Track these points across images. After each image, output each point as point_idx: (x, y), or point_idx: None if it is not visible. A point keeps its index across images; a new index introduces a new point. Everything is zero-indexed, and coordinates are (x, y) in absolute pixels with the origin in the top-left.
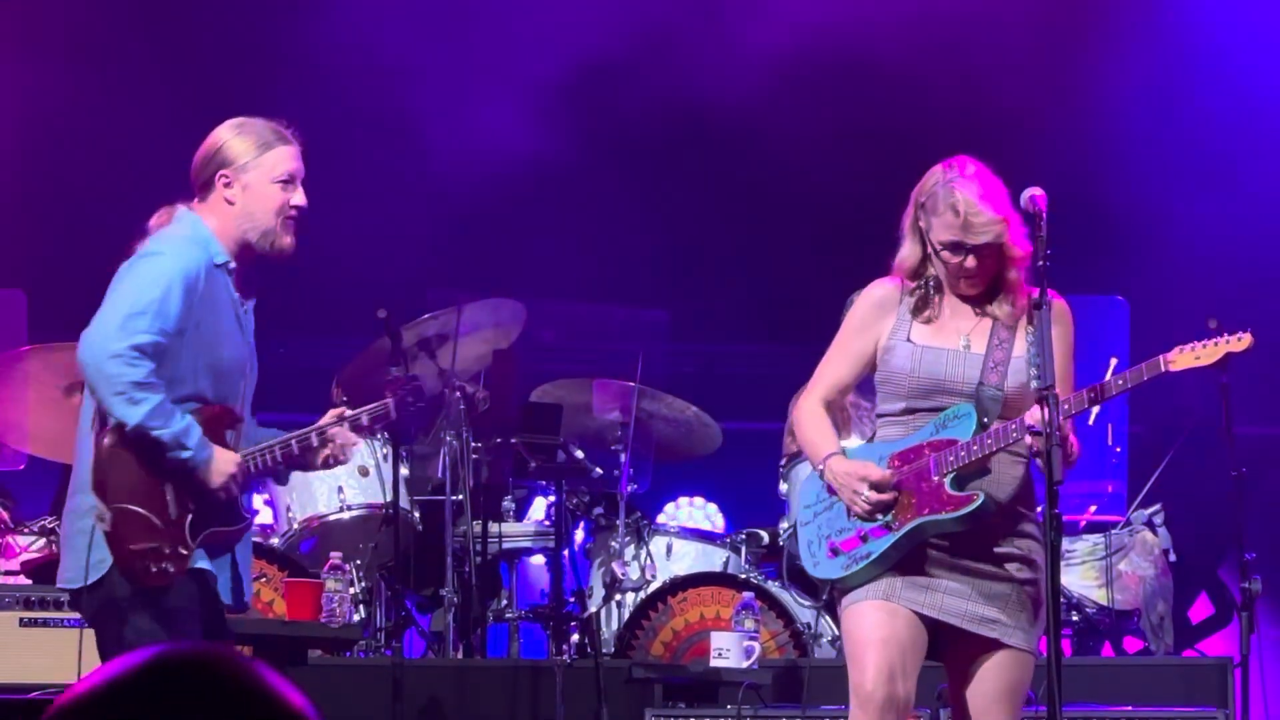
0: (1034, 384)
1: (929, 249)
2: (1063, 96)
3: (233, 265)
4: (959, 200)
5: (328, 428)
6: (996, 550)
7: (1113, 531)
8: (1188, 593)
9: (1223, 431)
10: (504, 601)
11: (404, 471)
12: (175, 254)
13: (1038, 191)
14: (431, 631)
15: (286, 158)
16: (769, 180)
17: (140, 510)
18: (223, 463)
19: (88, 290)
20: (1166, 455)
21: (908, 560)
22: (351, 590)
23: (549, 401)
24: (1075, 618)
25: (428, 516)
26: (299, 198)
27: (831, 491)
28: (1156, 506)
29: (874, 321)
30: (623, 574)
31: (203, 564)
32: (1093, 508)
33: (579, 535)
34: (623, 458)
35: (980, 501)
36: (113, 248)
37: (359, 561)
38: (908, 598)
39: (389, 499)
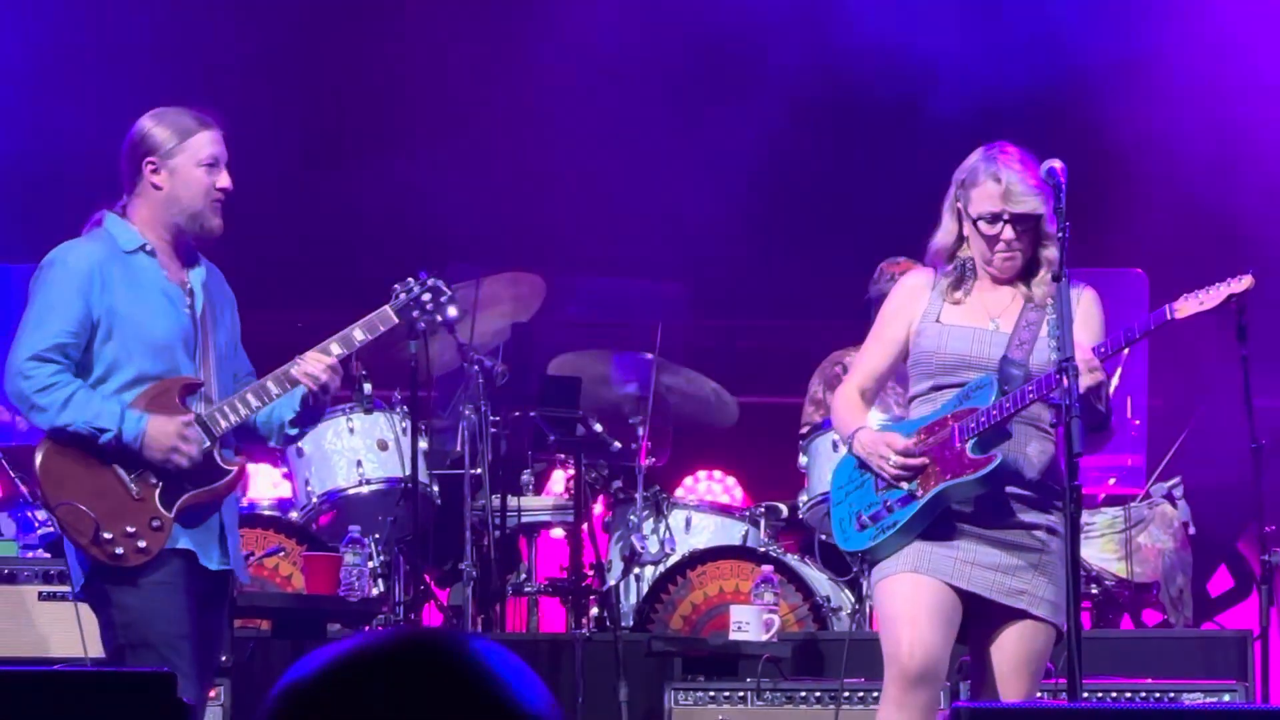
0: (1053, 355)
1: (965, 229)
2: (1078, 68)
3: (150, 247)
4: (1001, 170)
5: (297, 360)
6: (1025, 520)
7: (1132, 504)
8: (1207, 566)
9: (1242, 404)
10: (523, 575)
11: (423, 445)
12: (62, 258)
13: (1057, 163)
14: (450, 605)
15: (209, 142)
16: (788, 154)
17: (80, 506)
18: (159, 434)
19: None
20: (1185, 428)
21: (937, 529)
22: (370, 564)
23: (567, 374)
24: (1094, 591)
25: (446, 490)
26: (224, 180)
27: (862, 467)
28: (1176, 479)
29: (906, 308)
30: (641, 547)
31: (184, 543)
32: (1112, 480)
33: (597, 509)
34: (641, 431)
35: (998, 461)
36: None
37: (377, 535)
38: (936, 568)
39: (408, 473)
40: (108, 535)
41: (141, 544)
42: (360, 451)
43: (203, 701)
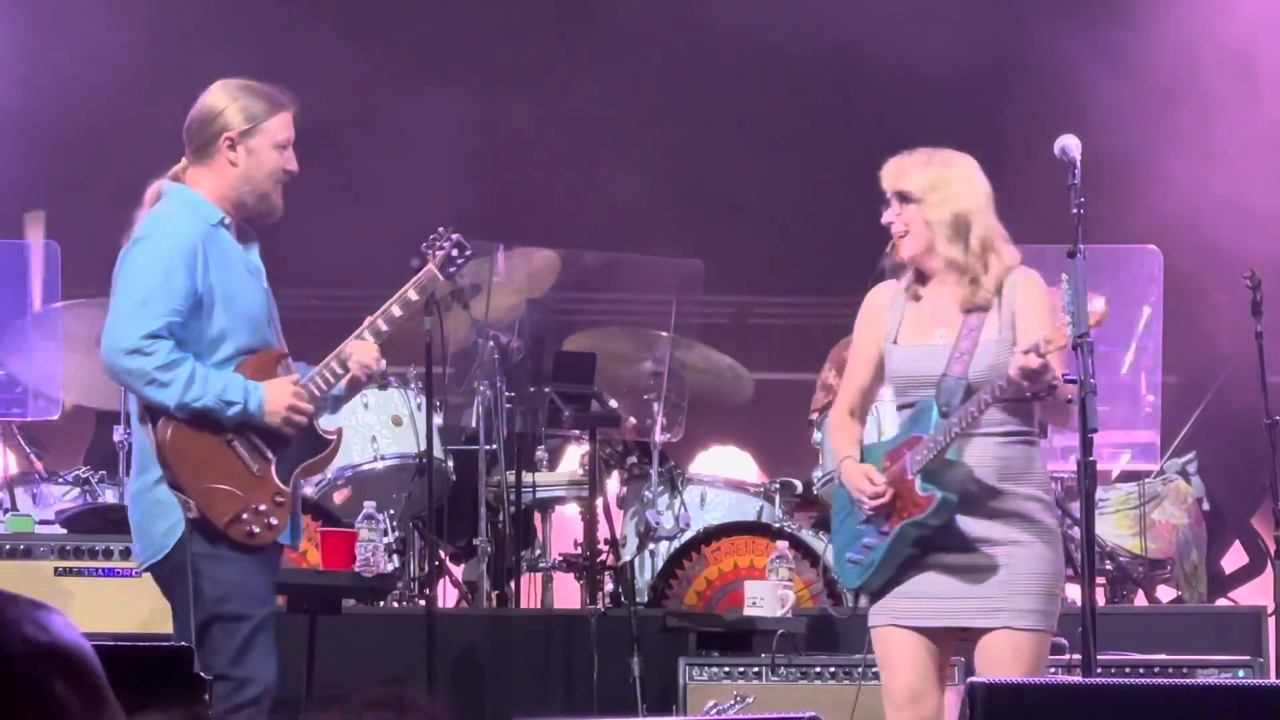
0: (1070, 331)
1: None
2: (1093, 45)
3: (228, 220)
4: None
5: (348, 349)
6: (990, 536)
7: (1146, 480)
8: (1221, 542)
9: (1257, 380)
10: (537, 551)
11: (437, 421)
12: (165, 232)
13: (1072, 139)
14: (465, 581)
15: (287, 124)
16: (806, 129)
17: (222, 486)
18: (276, 397)
19: (122, 244)
20: (1200, 404)
21: (909, 564)
22: (385, 540)
23: (582, 350)
24: (1109, 567)
25: (461, 466)
26: (292, 162)
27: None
28: (1190, 455)
29: (871, 325)
30: (656, 523)
31: None
32: (1126, 456)
33: (612, 485)
34: (656, 407)
35: (938, 502)
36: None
37: (392, 511)
38: (913, 615)
39: (422, 449)
40: (244, 515)
41: (273, 521)
42: (375, 427)
43: None
